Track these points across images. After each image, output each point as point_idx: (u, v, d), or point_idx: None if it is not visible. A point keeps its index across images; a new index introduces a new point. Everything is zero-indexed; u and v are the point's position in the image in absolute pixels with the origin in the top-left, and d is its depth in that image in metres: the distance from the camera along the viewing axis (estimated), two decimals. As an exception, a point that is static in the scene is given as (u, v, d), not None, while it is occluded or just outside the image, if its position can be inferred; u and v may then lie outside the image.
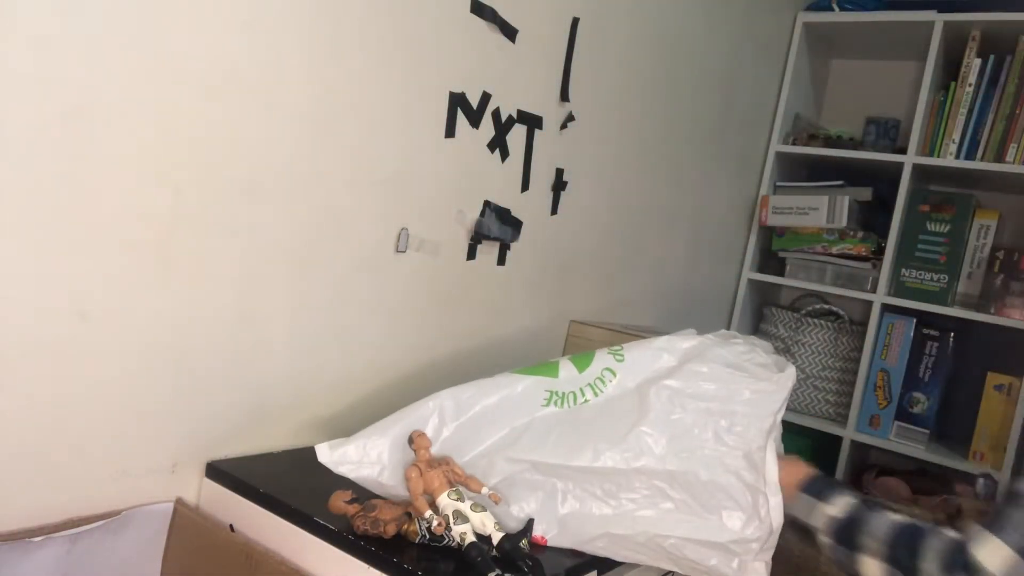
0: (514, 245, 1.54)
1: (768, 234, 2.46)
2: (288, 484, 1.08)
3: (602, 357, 1.18)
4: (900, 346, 2.20)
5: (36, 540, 0.93)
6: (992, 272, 2.13)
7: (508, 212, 1.50)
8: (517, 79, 1.46)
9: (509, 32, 1.42)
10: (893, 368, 2.20)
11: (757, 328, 2.53)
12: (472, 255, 1.46)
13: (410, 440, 1.02)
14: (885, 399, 2.21)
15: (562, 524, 1.03)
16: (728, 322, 2.47)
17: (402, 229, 1.31)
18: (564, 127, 1.60)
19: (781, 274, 2.44)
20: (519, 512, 1.03)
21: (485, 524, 0.95)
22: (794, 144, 2.41)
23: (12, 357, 0.90)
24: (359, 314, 1.29)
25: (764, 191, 2.42)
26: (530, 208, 1.56)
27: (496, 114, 1.43)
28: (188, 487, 1.11)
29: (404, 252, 1.33)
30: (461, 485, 0.99)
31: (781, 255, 2.44)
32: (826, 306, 2.46)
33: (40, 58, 0.85)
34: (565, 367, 1.17)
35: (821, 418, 2.33)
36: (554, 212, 1.63)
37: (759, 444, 1.08)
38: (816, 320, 2.35)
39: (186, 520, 1.07)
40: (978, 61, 2.12)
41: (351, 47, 1.17)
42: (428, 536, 0.94)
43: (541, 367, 1.17)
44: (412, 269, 1.35)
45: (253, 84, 1.06)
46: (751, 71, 2.27)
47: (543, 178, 1.59)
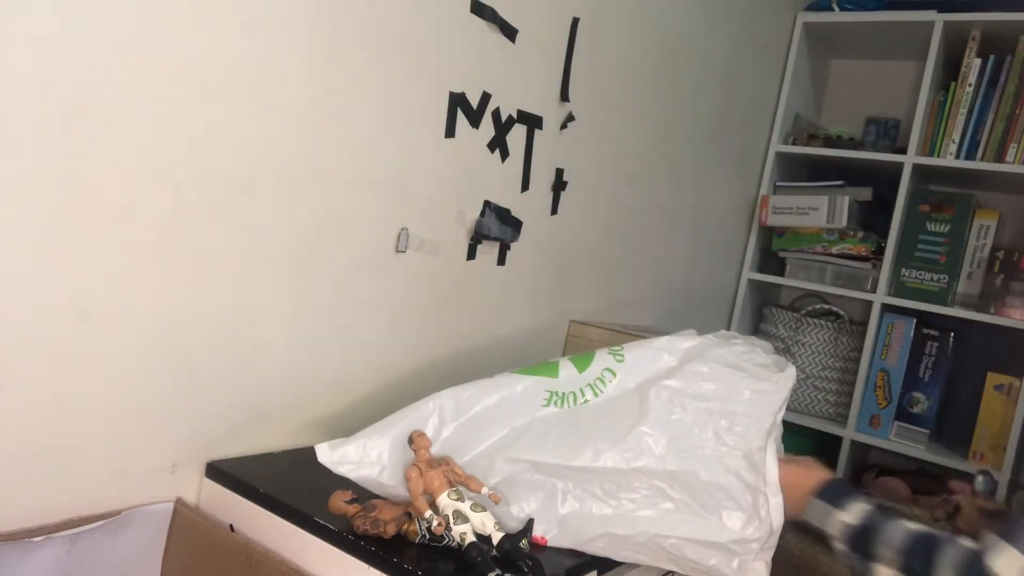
0: (514, 245, 1.54)
1: (768, 234, 2.45)
2: (288, 484, 1.08)
3: (602, 357, 1.18)
4: (900, 346, 2.20)
5: (36, 540, 0.93)
6: (992, 272, 2.13)
7: (508, 212, 1.50)
8: (517, 79, 1.46)
9: (509, 32, 1.42)
10: (893, 368, 2.20)
11: (757, 328, 2.53)
12: (472, 255, 1.46)
13: (410, 440, 1.02)
14: (885, 399, 2.21)
15: (562, 524, 1.03)
16: (728, 322, 2.46)
17: (402, 229, 1.31)
18: (564, 127, 1.60)
19: (781, 274, 2.43)
20: (519, 512, 1.03)
21: (485, 524, 0.95)
22: (794, 144, 2.41)
23: (12, 357, 0.90)
24: (359, 314, 1.29)
25: (764, 191, 2.42)
26: (530, 208, 1.56)
27: (496, 114, 1.43)
28: (188, 487, 1.11)
29: (404, 252, 1.33)
30: (461, 485, 0.99)
31: (781, 255, 2.44)
32: (826, 306, 2.46)
33: (40, 58, 0.85)
34: (565, 367, 1.17)
35: (821, 418, 2.33)
36: (554, 212, 1.64)
37: (759, 444, 1.08)
38: (816, 320, 2.35)
39: (186, 520, 1.07)
40: (978, 61, 2.12)
41: (351, 47, 1.17)
42: (428, 536, 0.94)
43: (541, 367, 1.17)
44: (412, 269, 1.35)
45: (253, 84, 1.06)
46: (751, 71, 2.27)
47: (543, 178, 1.59)
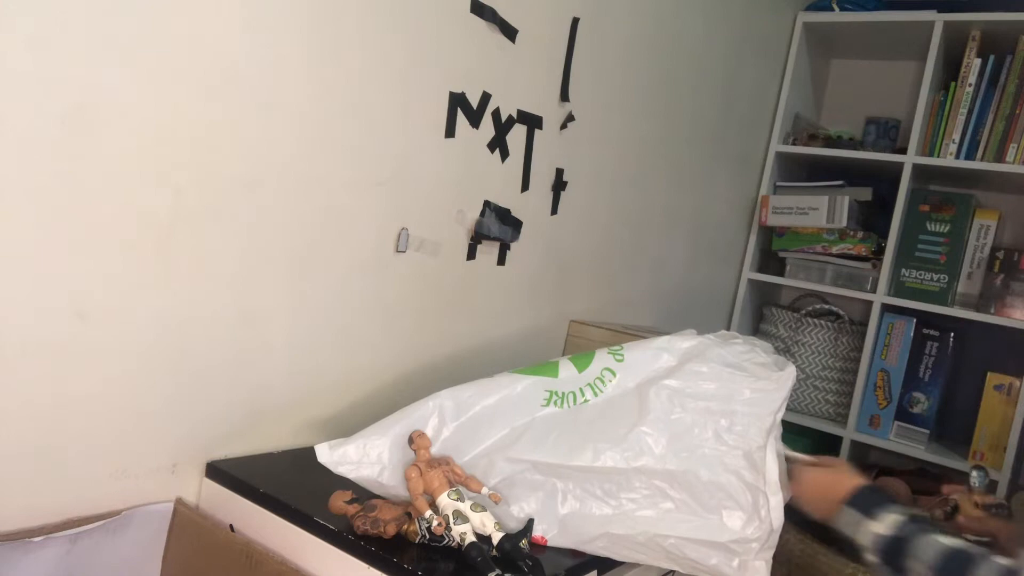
0: (514, 245, 1.54)
1: (768, 234, 2.45)
2: (288, 484, 1.08)
3: (602, 357, 1.18)
4: (900, 346, 2.19)
5: (36, 540, 0.93)
6: (992, 272, 2.13)
7: (508, 212, 1.50)
8: (517, 79, 1.46)
9: (509, 32, 1.42)
10: (893, 368, 2.20)
11: (757, 328, 2.53)
12: (472, 255, 1.46)
13: (410, 440, 1.02)
14: (885, 399, 2.20)
15: (562, 524, 1.03)
16: (728, 322, 2.46)
17: (402, 229, 1.31)
18: (564, 127, 1.60)
19: (781, 274, 2.43)
20: (519, 512, 1.03)
21: (485, 524, 0.95)
22: (794, 144, 2.41)
23: (12, 357, 0.90)
24: (359, 314, 1.29)
25: (764, 191, 2.42)
26: (530, 208, 1.56)
27: (496, 114, 1.43)
28: (188, 487, 1.11)
29: (404, 252, 1.33)
30: (461, 485, 0.99)
31: (781, 255, 2.44)
32: (826, 306, 2.46)
33: (40, 58, 0.85)
34: (565, 367, 1.17)
35: (821, 418, 2.33)
36: (554, 212, 1.63)
37: (759, 444, 1.08)
38: (816, 320, 2.35)
39: (186, 520, 1.07)
40: (978, 61, 2.12)
41: (351, 47, 1.17)
42: (428, 536, 0.94)
43: (541, 367, 1.17)
44: (412, 269, 1.35)
45: (253, 84, 1.06)
46: (751, 71, 2.27)
47: (543, 178, 1.59)
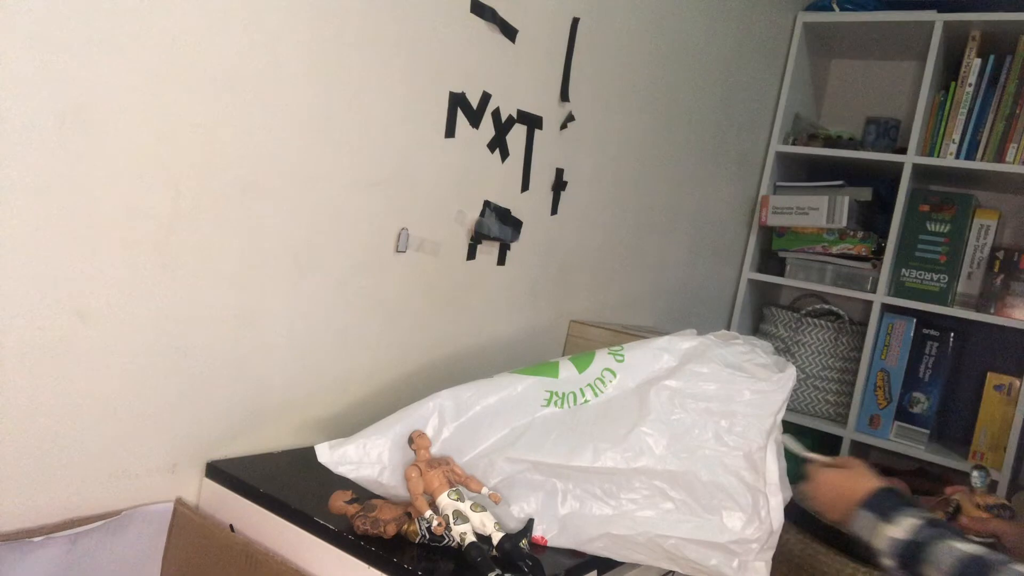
0: (514, 245, 1.54)
1: (768, 234, 2.46)
2: (288, 484, 1.08)
3: (602, 357, 1.18)
4: (900, 346, 2.20)
5: (36, 540, 0.93)
6: (992, 272, 2.13)
7: (508, 212, 1.50)
8: (517, 79, 1.46)
9: (509, 32, 1.41)
10: (893, 368, 2.20)
11: (757, 328, 2.53)
12: (472, 255, 1.46)
13: (410, 440, 1.02)
14: (885, 399, 2.21)
15: (562, 524, 1.03)
16: (728, 322, 2.47)
17: (402, 229, 1.31)
18: (564, 127, 1.60)
19: (781, 274, 2.43)
20: (519, 512, 1.03)
21: (485, 524, 0.95)
22: (794, 144, 2.41)
23: (12, 357, 0.90)
24: (359, 314, 1.29)
25: (764, 191, 2.42)
26: (530, 208, 1.56)
27: (496, 114, 1.43)
28: (188, 487, 1.11)
29: (404, 252, 1.33)
30: (461, 485, 0.99)
31: (781, 255, 2.44)
32: (826, 306, 2.46)
33: (40, 58, 0.85)
34: (565, 367, 1.17)
35: (821, 418, 2.33)
36: (554, 212, 1.63)
37: (759, 444, 1.08)
38: (816, 320, 2.35)
39: (186, 520, 1.07)
40: (978, 61, 2.12)
41: (351, 47, 1.17)
42: (428, 536, 0.94)
43: (541, 367, 1.17)
44: (412, 269, 1.35)
45: (253, 84, 1.06)
46: (751, 71, 2.27)
47: (543, 178, 1.59)
